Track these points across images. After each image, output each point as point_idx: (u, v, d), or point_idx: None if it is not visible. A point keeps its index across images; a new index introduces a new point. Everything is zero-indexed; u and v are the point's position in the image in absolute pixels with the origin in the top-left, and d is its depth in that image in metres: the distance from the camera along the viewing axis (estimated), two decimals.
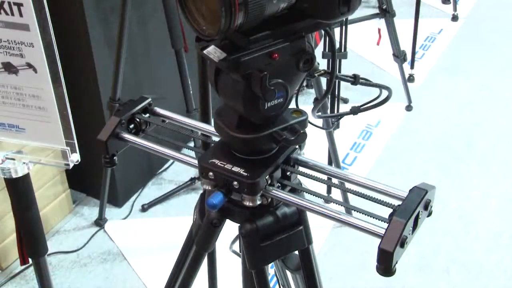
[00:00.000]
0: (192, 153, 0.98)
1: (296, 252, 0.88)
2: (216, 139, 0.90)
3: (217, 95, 0.76)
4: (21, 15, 0.91)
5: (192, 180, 2.27)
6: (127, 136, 0.88)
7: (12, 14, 0.91)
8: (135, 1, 1.93)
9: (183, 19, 0.68)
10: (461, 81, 2.98)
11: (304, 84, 2.92)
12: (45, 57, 0.94)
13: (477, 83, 2.96)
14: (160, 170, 2.38)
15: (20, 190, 1.13)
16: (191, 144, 2.27)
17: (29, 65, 0.96)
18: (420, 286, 1.86)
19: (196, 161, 0.81)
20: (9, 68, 0.97)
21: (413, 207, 0.68)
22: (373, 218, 0.70)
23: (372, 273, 1.99)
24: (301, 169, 0.82)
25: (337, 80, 0.80)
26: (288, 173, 0.80)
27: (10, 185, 1.12)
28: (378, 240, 0.69)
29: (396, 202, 0.71)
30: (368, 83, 0.83)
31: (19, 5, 0.90)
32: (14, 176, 1.09)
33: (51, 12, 0.90)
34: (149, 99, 0.93)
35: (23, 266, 1.87)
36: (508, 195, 2.24)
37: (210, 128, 0.89)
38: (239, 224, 0.83)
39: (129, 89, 2.06)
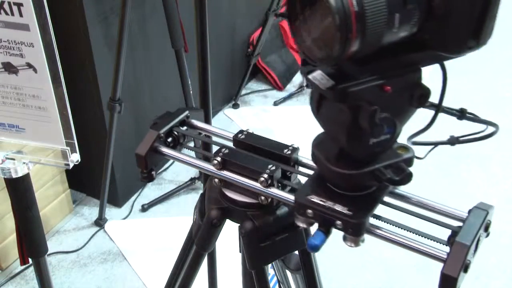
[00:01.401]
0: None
1: (296, 252, 0.88)
2: (217, 140, 0.90)
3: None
4: (21, 15, 0.91)
5: (192, 180, 2.27)
6: (165, 150, 0.85)
7: (12, 14, 0.91)
8: (135, 1, 1.93)
9: (293, 37, 0.63)
10: (461, 81, 2.98)
11: (304, 84, 2.92)
12: (45, 57, 0.94)
13: (477, 83, 2.96)
14: (160, 170, 2.38)
15: (20, 190, 1.13)
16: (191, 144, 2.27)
17: (29, 65, 0.96)
18: (420, 286, 1.86)
19: (287, 195, 0.75)
20: (9, 68, 0.97)
21: (475, 229, 0.64)
22: (431, 239, 0.67)
23: (372, 273, 2.00)
24: (301, 169, 0.82)
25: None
26: (288, 173, 0.80)
27: (10, 185, 1.12)
28: (378, 240, 0.68)
29: (455, 223, 0.68)
30: (475, 118, 0.78)
31: (19, 5, 0.90)
32: (14, 176, 1.09)
33: (51, 12, 0.90)
34: (187, 112, 0.89)
35: (23, 266, 1.87)
36: (508, 195, 2.24)
37: (229, 134, 0.87)
38: (239, 224, 0.83)
39: (129, 89, 2.06)
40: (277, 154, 0.81)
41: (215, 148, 0.84)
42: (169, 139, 0.87)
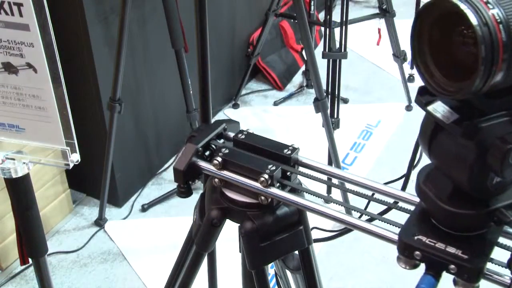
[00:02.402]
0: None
1: (296, 252, 0.88)
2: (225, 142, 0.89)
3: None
4: (21, 15, 0.91)
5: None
6: (204, 164, 0.82)
7: (12, 14, 0.91)
8: (135, 1, 1.93)
9: (416, 68, 0.58)
10: None
11: (304, 84, 2.92)
12: (45, 57, 0.94)
13: None
14: (160, 170, 2.38)
15: (20, 190, 1.12)
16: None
17: (29, 65, 0.96)
18: None
19: (391, 235, 0.69)
20: (9, 68, 0.97)
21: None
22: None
23: (372, 273, 2.00)
24: (301, 169, 0.82)
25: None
26: (288, 173, 0.80)
27: (10, 185, 1.12)
28: (377, 240, 0.68)
29: None
30: None
31: (19, 5, 0.90)
32: (14, 176, 1.09)
33: (51, 12, 0.90)
34: (224, 124, 0.87)
35: (23, 266, 1.87)
36: None
37: (229, 134, 0.85)
38: (239, 224, 0.83)
39: (129, 89, 2.06)
40: (277, 154, 0.81)
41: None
42: (207, 153, 0.84)
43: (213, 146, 0.85)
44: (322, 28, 2.26)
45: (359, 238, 1.98)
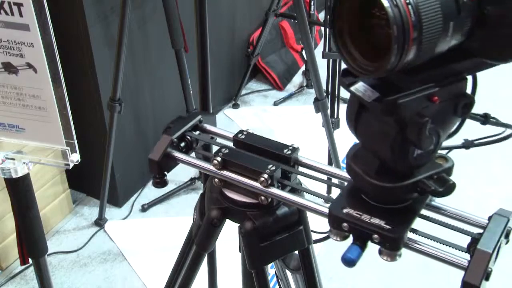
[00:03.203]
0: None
1: (296, 252, 0.88)
2: (217, 140, 0.90)
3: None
4: (21, 15, 0.91)
5: (192, 180, 2.27)
6: (178, 155, 0.85)
7: (12, 14, 0.91)
8: (135, 1, 1.93)
9: (337, 50, 0.61)
10: None
11: (304, 84, 2.92)
12: (45, 57, 0.94)
13: (477, 83, 2.96)
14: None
15: (20, 190, 1.12)
16: None
17: (29, 65, 0.96)
18: (420, 286, 1.86)
19: (322, 208, 0.74)
20: (9, 68, 0.97)
21: (497, 237, 0.64)
22: (450, 247, 0.66)
23: (372, 273, 2.00)
24: (301, 169, 0.82)
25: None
26: (288, 173, 0.80)
27: (10, 185, 1.12)
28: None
29: (475, 230, 0.67)
30: (497, 122, 0.78)
31: (19, 5, 0.90)
32: (14, 176, 1.09)
33: (51, 12, 0.90)
34: (200, 116, 0.89)
35: (23, 266, 1.87)
36: (508, 195, 2.24)
37: (229, 134, 0.86)
38: (239, 224, 0.83)
39: (129, 89, 2.06)
40: (277, 154, 0.81)
41: (214, 147, 0.84)
42: (182, 144, 0.86)
43: (188, 137, 0.86)
44: (322, 28, 2.26)
45: None
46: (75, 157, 1.06)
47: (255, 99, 2.89)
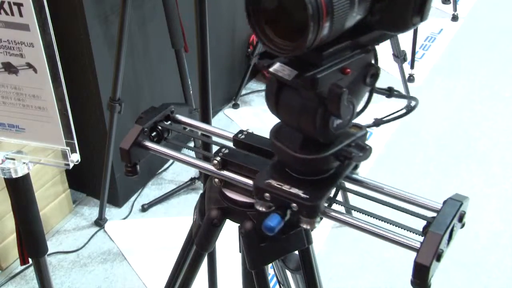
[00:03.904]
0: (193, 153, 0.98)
1: (296, 252, 0.88)
2: (217, 140, 0.90)
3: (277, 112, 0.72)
4: (21, 15, 0.91)
5: (192, 180, 2.27)
6: (149, 144, 0.86)
7: (12, 14, 0.91)
8: (135, 1, 1.93)
9: (255, 34, 0.64)
10: (461, 81, 2.98)
11: None
12: (45, 57, 0.94)
13: (477, 83, 2.96)
14: (160, 170, 2.38)
15: (20, 190, 1.13)
16: (191, 144, 2.27)
17: (29, 65, 0.96)
18: None
19: (247, 180, 0.78)
20: (9, 68, 0.97)
21: (448, 219, 0.66)
22: (406, 230, 0.68)
23: (372, 273, 2.00)
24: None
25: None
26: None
27: (10, 185, 1.12)
28: (378, 240, 0.69)
29: (429, 214, 0.69)
30: (400, 95, 0.84)
31: (19, 5, 0.90)
32: (14, 176, 1.09)
33: (51, 12, 0.90)
34: (171, 107, 0.90)
35: (23, 266, 1.87)
36: (508, 195, 2.24)
37: (228, 134, 0.87)
38: (239, 224, 0.83)
39: (129, 89, 2.06)
40: None
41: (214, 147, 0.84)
42: (153, 134, 0.88)
43: (159, 127, 0.88)
44: None
45: (359, 238, 1.98)
46: (75, 157, 1.06)
47: (255, 99, 2.89)
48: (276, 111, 0.71)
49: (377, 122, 0.84)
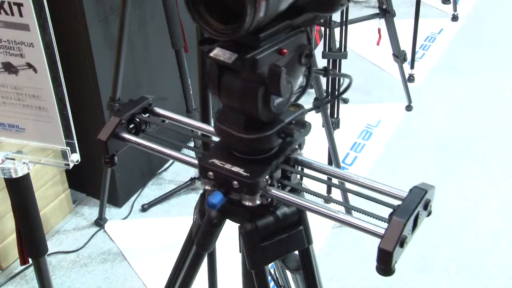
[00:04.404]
0: (192, 153, 0.98)
1: (296, 252, 0.88)
2: (216, 139, 0.90)
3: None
4: (21, 15, 0.91)
5: (192, 180, 2.27)
6: (127, 136, 0.88)
7: (12, 14, 0.91)
8: (135, 1, 1.93)
9: (194, 21, 0.67)
10: (461, 81, 2.98)
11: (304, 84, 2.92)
12: (45, 57, 0.94)
13: (477, 83, 2.96)
14: (160, 170, 2.38)
15: (20, 190, 1.13)
16: (191, 144, 2.27)
17: (29, 65, 0.96)
18: (420, 286, 1.86)
19: (195, 161, 0.81)
20: (9, 68, 0.98)
21: (412, 207, 0.68)
22: (373, 218, 0.70)
23: (372, 273, 1.99)
24: (300, 169, 0.82)
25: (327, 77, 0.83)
26: (288, 173, 0.80)
27: (10, 185, 1.12)
28: (378, 240, 0.69)
29: (396, 202, 0.71)
30: (335, 73, 0.92)
31: (19, 5, 0.90)
32: (14, 176, 1.09)
33: (51, 12, 0.90)
34: (149, 99, 0.92)
35: (23, 266, 1.87)
36: (508, 195, 2.24)
37: (209, 128, 0.89)
38: (239, 224, 0.83)
39: (129, 89, 2.06)
40: None
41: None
42: (131, 126, 0.90)
43: (137, 119, 0.89)
44: (322, 28, 2.26)
45: (359, 238, 1.98)
46: (75, 157, 1.06)
47: None
48: (218, 95, 0.74)
49: (317, 105, 0.93)
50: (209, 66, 0.72)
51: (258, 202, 0.76)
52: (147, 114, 0.92)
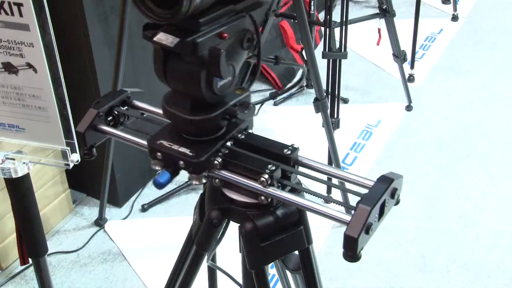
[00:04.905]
0: None
1: (296, 252, 0.88)
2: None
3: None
4: (21, 15, 0.91)
5: None
6: (105, 128, 0.89)
7: (12, 14, 0.91)
8: None
9: (137, 7, 0.70)
10: (461, 81, 2.98)
11: (304, 84, 2.92)
12: (45, 57, 0.94)
13: (477, 83, 2.96)
14: (160, 170, 2.37)
15: (20, 190, 1.13)
16: None
17: (29, 65, 0.96)
18: (420, 286, 1.86)
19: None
20: (9, 68, 0.98)
21: (378, 195, 0.70)
22: (346, 207, 0.74)
23: (372, 273, 2.00)
24: (301, 169, 0.82)
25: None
26: (288, 173, 0.80)
27: (10, 185, 1.12)
28: (379, 241, 0.69)
29: (365, 191, 0.73)
30: (287, 63, 0.95)
31: (19, 5, 0.90)
32: (14, 176, 1.10)
33: (51, 12, 0.90)
34: (127, 92, 0.94)
35: (23, 266, 1.87)
36: (508, 195, 2.24)
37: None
38: (239, 224, 0.83)
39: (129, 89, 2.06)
40: (277, 154, 0.81)
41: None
42: (110, 118, 0.91)
43: (115, 112, 0.91)
44: (322, 28, 2.26)
45: None
46: (75, 157, 1.06)
47: (255, 99, 2.89)
48: (165, 79, 0.77)
49: (274, 95, 0.94)
50: (154, 52, 0.75)
51: (204, 181, 0.79)
52: (126, 107, 0.94)
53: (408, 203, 2.17)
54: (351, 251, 0.69)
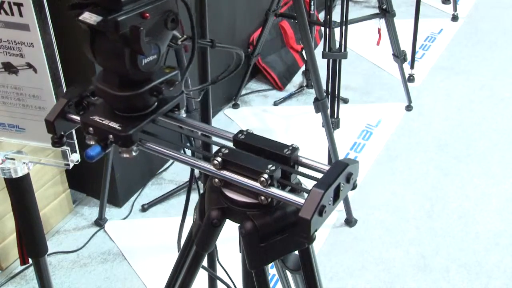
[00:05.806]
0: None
1: (296, 252, 0.88)
2: (217, 140, 0.90)
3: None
4: (21, 15, 0.91)
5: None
6: (74, 117, 0.90)
7: (12, 14, 0.91)
8: None
9: None
10: (461, 81, 2.98)
11: (304, 84, 2.92)
12: (45, 57, 0.94)
13: (477, 83, 2.96)
14: (160, 170, 2.38)
15: (20, 190, 1.13)
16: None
17: (29, 65, 0.96)
18: (420, 286, 1.86)
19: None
20: (9, 68, 0.98)
21: (332, 179, 0.73)
22: (303, 191, 0.75)
23: (372, 273, 2.00)
24: (301, 169, 0.82)
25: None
26: (288, 173, 0.80)
27: (10, 185, 1.12)
28: (379, 241, 0.69)
29: (319, 175, 0.75)
30: (224, 46, 0.99)
31: (19, 5, 0.90)
32: (14, 176, 1.10)
33: (51, 12, 0.90)
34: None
35: (23, 266, 1.87)
36: (508, 195, 2.24)
37: (228, 134, 0.88)
38: (239, 224, 0.83)
39: None
40: (277, 154, 0.81)
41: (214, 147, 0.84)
42: (80, 107, 0.92)
43: (86, 102, 0.92)
44: (322, 28, 2.26)
45: (359, 238, 1.98)
46: (75, 157, 1.06)
47: (255, 99, 2.89)
48: (93, 56, 0.80)
49: (214, 80, 1.00)
50: (82, 31, 0.78)
51: (134, 154, 0.82)
52: (96, 97, 0.93)
53: (408, 203, 2.18)
54: (305, 232, 0.71)
